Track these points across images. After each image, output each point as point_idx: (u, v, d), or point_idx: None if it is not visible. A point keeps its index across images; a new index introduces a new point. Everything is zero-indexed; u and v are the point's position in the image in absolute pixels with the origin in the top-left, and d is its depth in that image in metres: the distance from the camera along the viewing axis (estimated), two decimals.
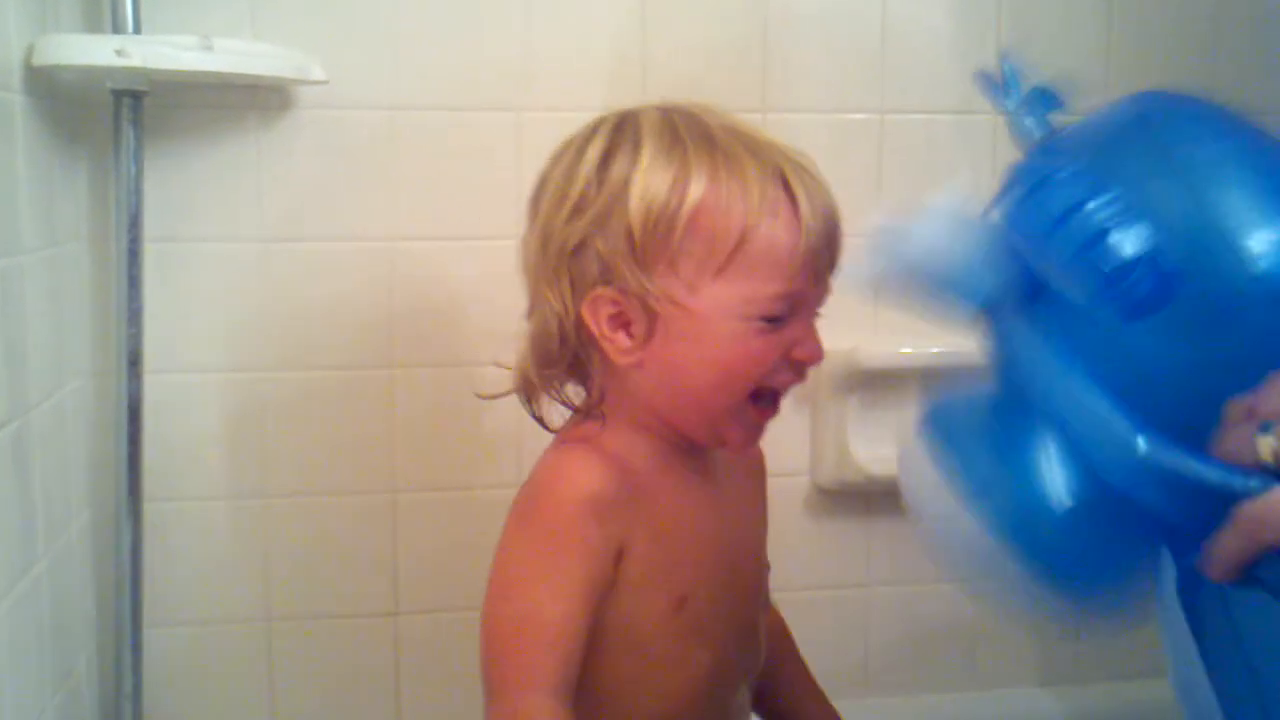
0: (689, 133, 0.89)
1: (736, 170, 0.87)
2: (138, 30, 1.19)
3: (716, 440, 0.94)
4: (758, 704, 1.06)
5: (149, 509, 1.27)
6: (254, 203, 1.31)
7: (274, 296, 1.32)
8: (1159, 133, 0.73)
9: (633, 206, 0.86)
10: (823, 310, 0.93)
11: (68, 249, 1.24)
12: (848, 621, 1.50)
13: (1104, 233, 0.67)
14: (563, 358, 0.93)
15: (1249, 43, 1.49)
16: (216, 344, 1.32)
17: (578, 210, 0.89)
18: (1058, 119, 0.83)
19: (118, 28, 1.18)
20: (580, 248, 0.89)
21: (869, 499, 1.46)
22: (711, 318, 0.87)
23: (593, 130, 0.92)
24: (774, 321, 0.88)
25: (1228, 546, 0.61)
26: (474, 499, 1.38)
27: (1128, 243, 0.67)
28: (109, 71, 1.16)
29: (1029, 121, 0.81)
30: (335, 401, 1.35)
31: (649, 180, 0.86)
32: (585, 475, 0.90)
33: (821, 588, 1.48)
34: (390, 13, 1.31)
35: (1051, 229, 0.69)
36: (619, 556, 0.90)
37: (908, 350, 1.40)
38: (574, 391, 0.98)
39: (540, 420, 0.98)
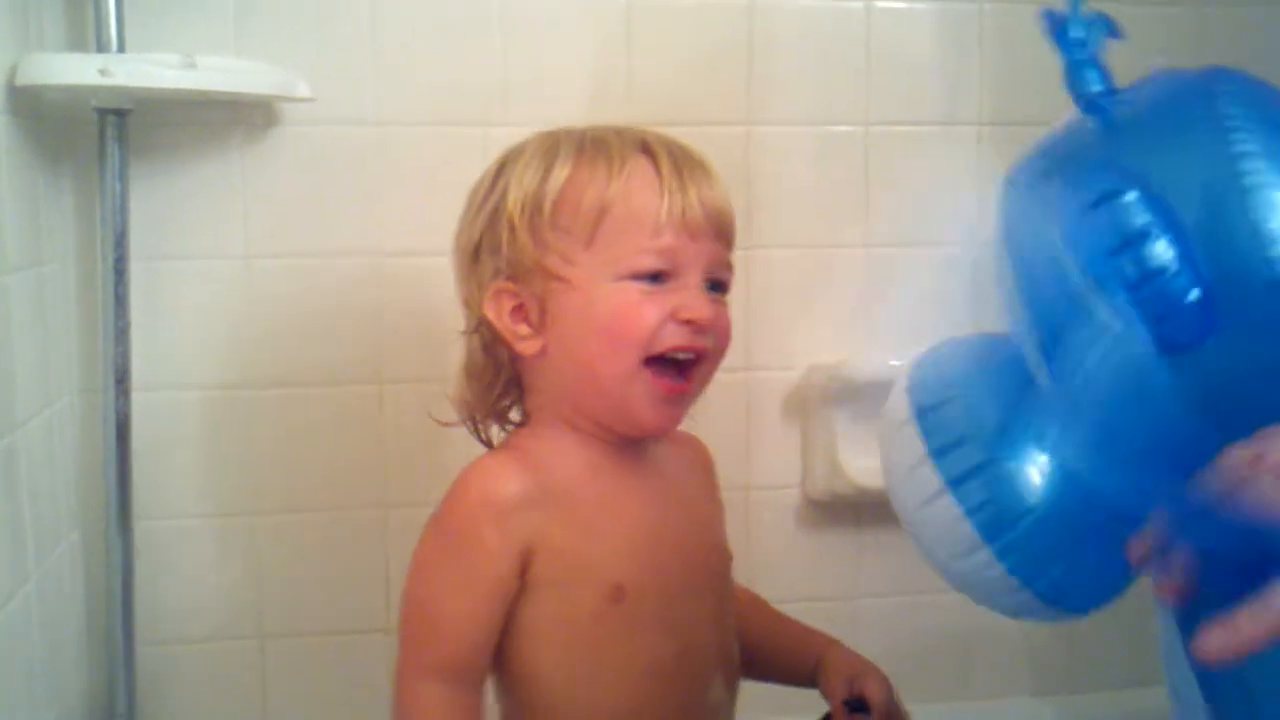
0: (564, 133, 0.97)
1: (599, 148, 0.94)
2: (121, 49, 1.19)
3: (628, 421, 0.95)
4: (748, 669, 1.07)
5: (139, 526, 1.26)
6: (239, 219, 1.31)
7: (261, 313, 1.32)
8: (1226, 132, 0.70)
9: (510, 198, 0.94)
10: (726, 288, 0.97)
11: (54, 267, 1.23)
12: (840, 633, 1.50)
13: (1162, 272, 0.65)
14: (487, 368, 0.99)
15: (1232, 57, 1.49)
16: (204, 360, 1.32)
17: (474, 217, 0.97)
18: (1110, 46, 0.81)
19: (101, 46, 1.19)
20: (478, 249, 0.96)
21: (860, 511, 1.46)
22: (589, 284, 0.91)
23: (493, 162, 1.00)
24: (652, 280, 0.91)
25: (1245, 631, 0.58)
26: None
27: (1181, 284, 0.65)
28: (93, 90, 1.16)
29: (1091, 74, 0.79)
30: (324, 417, 1.34)
31: (524, 173, 0.94)
32: (490, 481, 0.94)
33: (813, 600, 1.47)
34: (374, 29, 1.32)
35: (1111, 255, 0.68)
36: (527, 557, 0.93)
37: (897, 362, 1.40)
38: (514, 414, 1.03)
39: (488, 444, 1.02)
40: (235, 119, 1.30)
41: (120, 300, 1.22)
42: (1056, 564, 0.69)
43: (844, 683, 1.03)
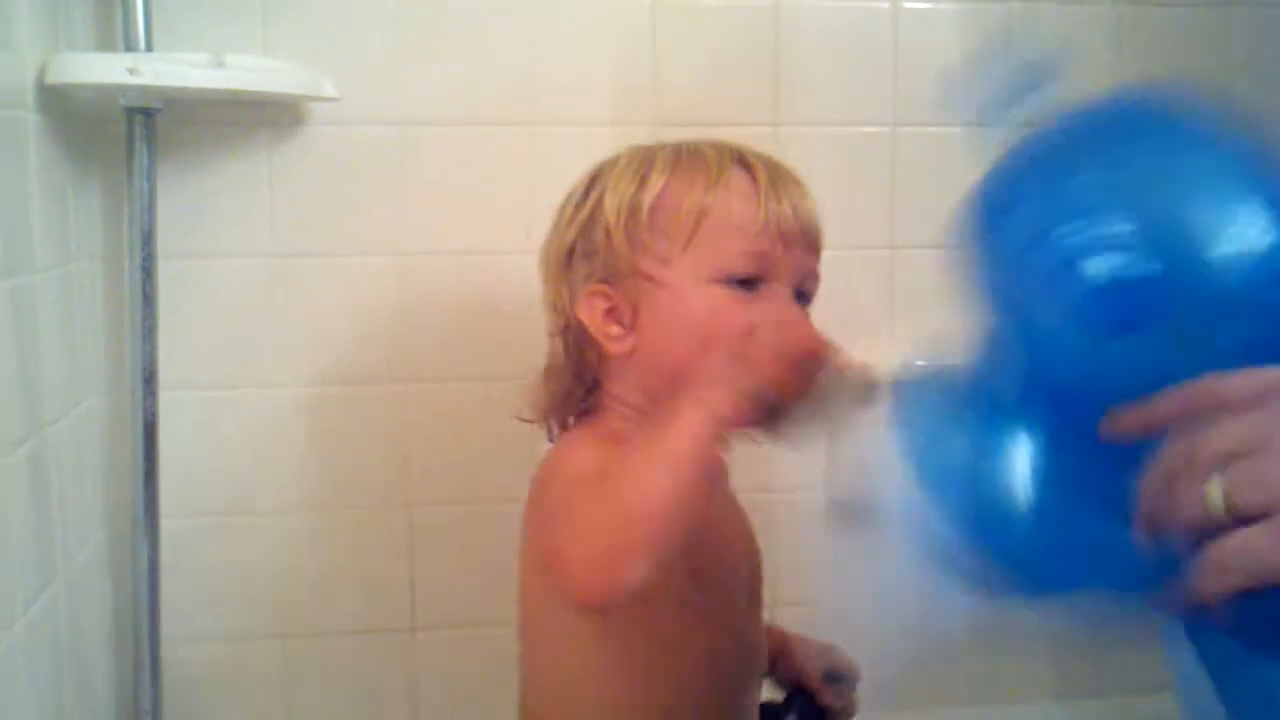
0: (660, 145, 0.98)
1: (695, 158, 0.95)
2: (150, 48, 1.19)
3: None
4: None
5: (165, 525, 1.27)
6: (266, 218, 1.31)
7: (287, 312, 1.32)
8: (1140, 137, 0.73)
9: (607, 205, 0.95)
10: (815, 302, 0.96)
11: (81, 266, 1.24)
12: (861, 636, 1.50)
13: (1081, 253, 0.67)
14: (568, 370, 0.99)
15: (1259, 55, 1.48)
16: (231, 359, 1.32)
17: (568, 224, 0.98)
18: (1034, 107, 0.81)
19: (130, 46, 1.19)
20: (571, 254, 0.97)
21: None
22: (684, 286, 0.92)
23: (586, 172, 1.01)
24: (743, 285, 0.92)
25: (1197, 588, 0.59)
26: (490, 513, 1.37)
27: (1105, 263, 0.66)
28: (121, 89, 1.17)
29: (1004, 115, 0.80)
30: (349, 416, 1.35)
31: (620, 181, 0.95)
32: (588, 448, 0.94)
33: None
34: (400, 28, 1.32)
35: (1026, 250, 0.70)
36: None
37: (924, 363, 1.40)
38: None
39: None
40: (262, 118, 1.30)
41: (148, 299, 1.23)
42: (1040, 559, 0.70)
43: (818, 658, 1.08)
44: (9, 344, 1.00)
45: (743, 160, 0.95)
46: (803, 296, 0.96)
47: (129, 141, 1.22)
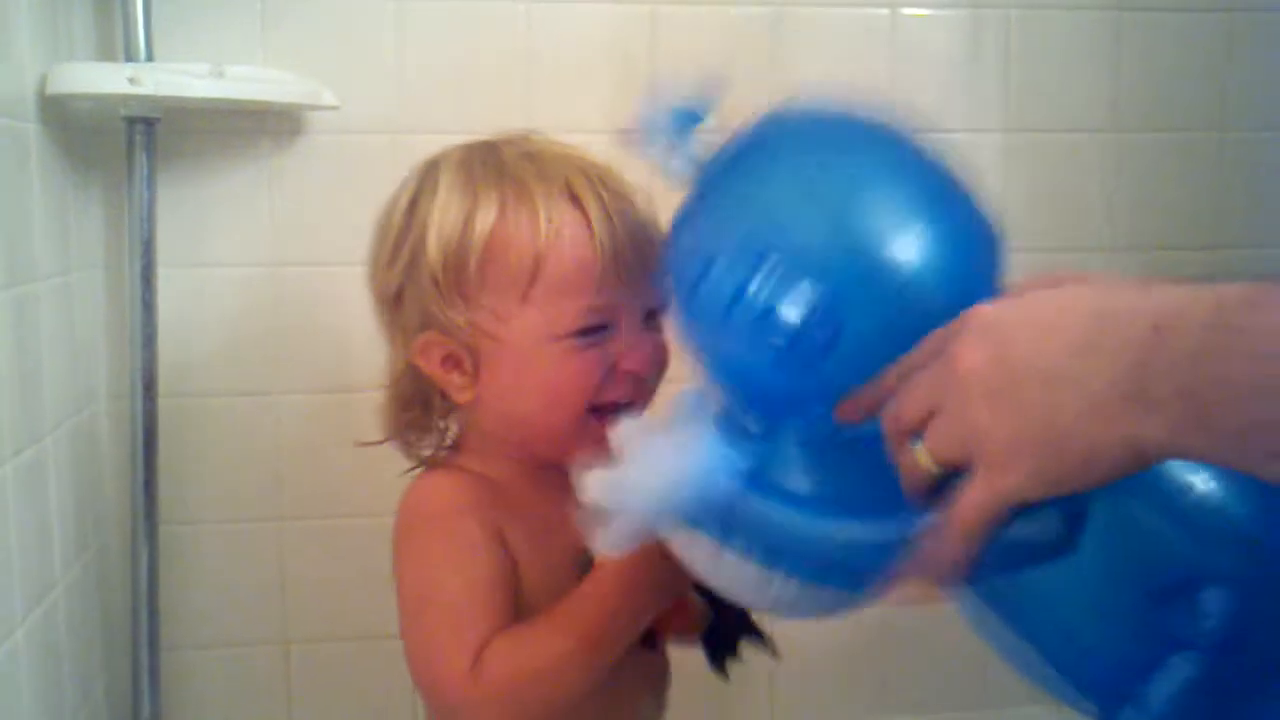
0: (482, 166, 0.91)
1: (523, 197, 0.88)
2: (150, 58, 1.20)
3: (569, 460, 0.91)
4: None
5: (165, 532, 1.27)
6: (266, 227, 1.32)
7: (287, 320, 1.33)
8: (793, 165, 0.75)
9: (431, 249, 0.89)
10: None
11: (82, 275, 1.24)
12: (867, 642, 1.50)
13: (769, 309, 0.69)
14: (415, 400, 0.96)
15: (1259, 67, 1.49)
16: (231, 367, 1.33)
17: (391, 262, 0.92)
18: (702, 136, 0.83)
19: (130, 56, 1.20)
20: (399, 298, 0.92)
21: None
22: (525, 344, 0.88)
23: (404, 183, 0.95)
24: (590, 335, 0.88)
25: (950, 551, 0.64)
26: None
27: (792, 308, 0.69)
28: (122, 99, 1.17)
29: (675, 163, 0.81)
30: (349, 423, 1.35)
31: (444, 220, 0.89)
32: (447, 485, 0.93)
33: None
34: (399, 37, 1.32)
35: (724, 318, 0.71)
36: (506, 546, 0.90)
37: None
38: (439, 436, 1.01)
39: (419, 462, 1.00)
40: (262, 128, 1.31)
41: (148, 307, 1.23)
42: (834, 558, 0.72)
43: None
44: (10, 352, 1.01)
45: (570, 191, 0.89)
46: (653, 315, 0.92)
47: (129, 151, 1.22)
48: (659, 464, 0.75)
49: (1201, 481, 0.65)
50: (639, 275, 0.89)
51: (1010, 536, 0.63)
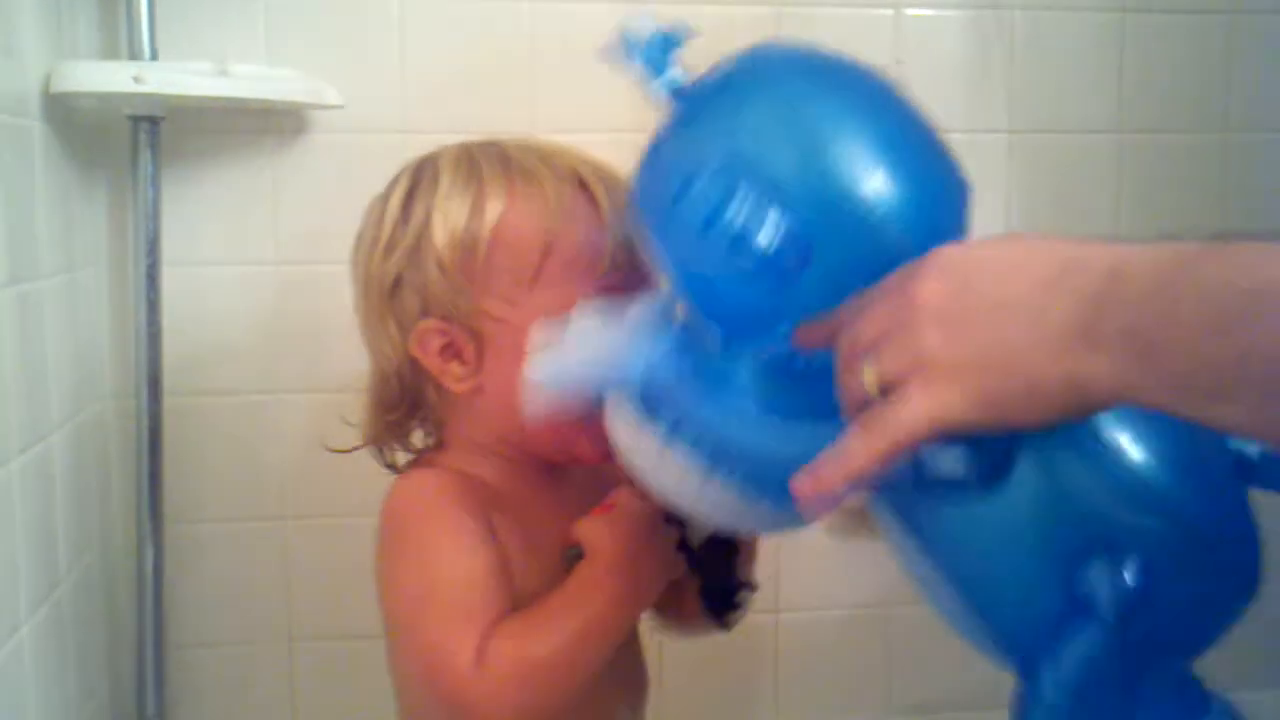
0: (484, 157, 0.92)
1: (532, 182, 0.90)
2: (154, 57, 1.20)
3: (568, 455, 0.94)
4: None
5: (169, 530, 1.28)
6: (270, 225, 1.32)
7: (291, 318, 1.33)
8: (776, 95, 0.78)
9: (437, 235, 0.89)
10: None
11: (87, 273, 1.25)
12: (874, 642, 1.50)
13: (742, 231, 0.71)
14: (402, 400, 0.96)
15: (1261, 67, 1.49)
16: (235, 365, 1.33)
17: (389, 250, 0.91)
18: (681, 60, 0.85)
19: (134, 54, 1.20)
20: (397, 286, 0.91)
21: None
22: (532, 329, 0.88)
23: (395, 178, 0.95)
24: None
25: (867, 455, 0.65)
26: None
27: (763, 232, 0.71)
28: (126, 98, 1.17)
29: (656, 84, 0.83)
30: (353, 421, 1.35)
31: (449, 207, 0.89)
32: (434, 481, 0.92)
33: (847, 607, 1.47)
34: (403, 36, 1.32)
35: (698, 236, 0.73)
36: (497, 541, 0.90)
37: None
38: (418, 437, 1.01)
39: (394, 468, 1.00)
40: (266, 126, 1.31)
41: (152, 305, 1.23)
42: (770, 468, 0.75)
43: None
44: (15, 350, 1.01)
45: (578, 178, 0.91)
46: None
47: (133, 149, 1.23)
48: (612, 340, 0.80)
49: (1134, 445, 0.66)
50: (644, 262, 0.90)
51: (933, 460, 0.65)
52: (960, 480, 0.66)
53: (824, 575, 1.46)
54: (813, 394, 0.73)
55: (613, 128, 1.32)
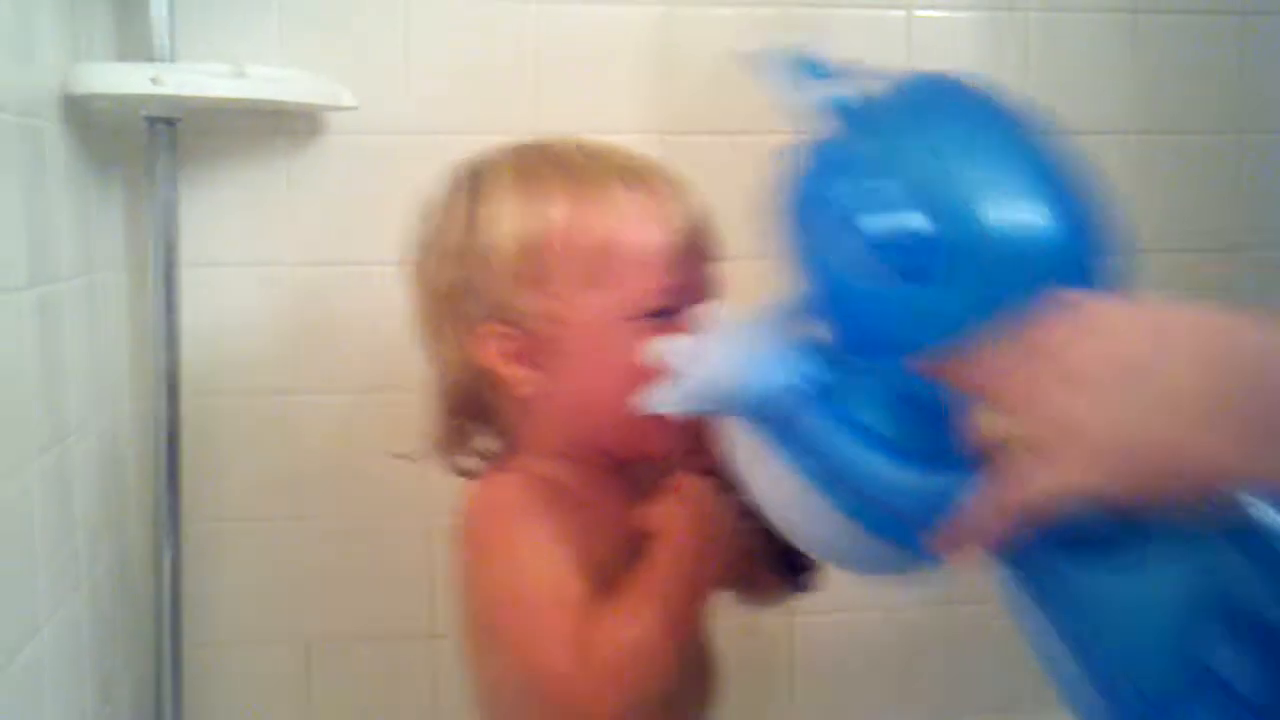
0: (543, 162, 0.93)
1: (592, 183, 0.90)
2: (171, 58, 1.20)
3: (639, 450, 0.94)
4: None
5: (188, 531, 1.28)
6: (287, 226, 1.32)
7: (307, 319, 1.33)
8: (922, 113, 0.79)
9: (499, 238, 0.89)
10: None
11: (104, 275, 1.25)
12: (893, 644, 1.50)
13: (891, 247, 0.72)
14: (467, 406, 0.96)
15: (1275, 68, 1.49)
16: (252, 366, 1.33)
17: (450, 256, 0.92)
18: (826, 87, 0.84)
19: (151, 56, 1.20)
20: (459, 291, 0.92)
21: None
22: (598, 326, 0.89)
23: (452, 183, 0.95)
24: (661, 316, 0.89)
25: (970, 522, 0.65)
26: None
27: (913, 252, 0.71)
28: (143, 99, 1.18)
29: (811, 97, 0.83)
30: (368, 423, 1.35)
31: (510, 210, 0.90)
32: (518, 483, 0.92)
33: (863, 609, 1.47)
34: (417, 38, 1.33)
35: (847, 238, 0.74)
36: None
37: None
38: (483, 444, 1.00)
39: (463, 474, 1.00)
40: (281, 127, 1.31)
41: (170, 307, 1.24)
42: (888, 503, 0.74)
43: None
44: (35, 352, 1.02)
45: (636, 178, 0.92)
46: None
47: (150, 151, 1.23)
48: (736, 347, 0.78)
49: None
50: (700, 261, 0.92)
51: (1066, 529, 0.64)
52: (1095, 550, 0.65)
53: (841, 579, 1.45)
54: (936, 428, 0.72)
55: (620, 129, 1.33)
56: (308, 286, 1.33)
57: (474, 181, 0.94)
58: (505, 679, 0.94)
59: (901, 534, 0.74)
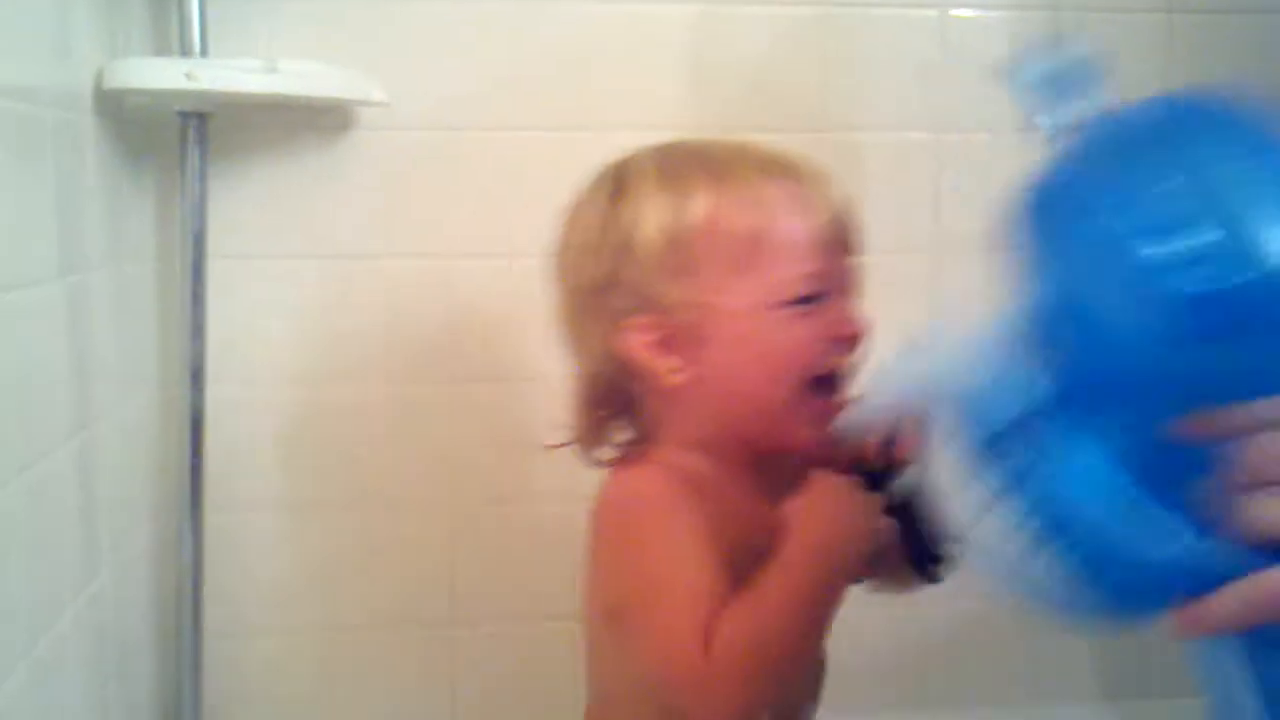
0: (685, 156, 0.93)
1: (736, 173, 0.91)
2: (205, 54, 1.22)
3: (785, 441, 0.93)
4: None
5: (211, 519, 1.29)
6: (315, 221, 1.33)
7: (335, 312, 1.35)
8: (1190, 146, 0.70)
9: (647, 231, 0.90)
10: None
11: (134, 265, 1.26)
12: (904, 635, 1.49)
13: (1175, 268, 0.63)
14: (610, 398, 0.96)
15: None
16: (277, 357, 1.35)
17: (595, 251, 0.92)
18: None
19: (185, 51, 1.21)
20: (605, 285, 0.92)
21: None
22: (746, 314, 0.89)
23: (594, 181, 0.95)
24: (808, 303, 0.89)
25: (1225, 607, 0.59)
26: (530, 511, 1.39)
27: (1199, 277, 0.63)
28: (177, 94, 1.19)
29: (1067, 103, 0.78)
30: (392, 414, 1.36)
31: (657, 203, 0.90)
32: (657, 476, 0.92)
33: (874, 602, 1.46)
34: (449, 34, 1.34)
35: (1117, 260, 0.65)
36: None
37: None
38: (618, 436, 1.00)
39: (599, 465, 0.99)
40: (312, 123, 1.32)
41: (197, 298, 1.25)
42: (1118, 561, 0.67)
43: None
44: (63, 339, 1.03)
45: (780, 169, 0.92)
46: (850, 295, 0.94)
47: (182, 144, 1.24)
48: (957, 364, 0.72)
49: None
50: (843, 249, 0.93)
51: None
52: None
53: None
54: (1177, 490, 0.65)
55: (657, 124, 1.33)
56: (334, 280, 1.34)
57: (617, 177, 0.94)
58: (625, 669, 0.93)
59: (1119, 595, 0.68)
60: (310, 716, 1.39)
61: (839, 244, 0.92)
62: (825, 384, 0.92)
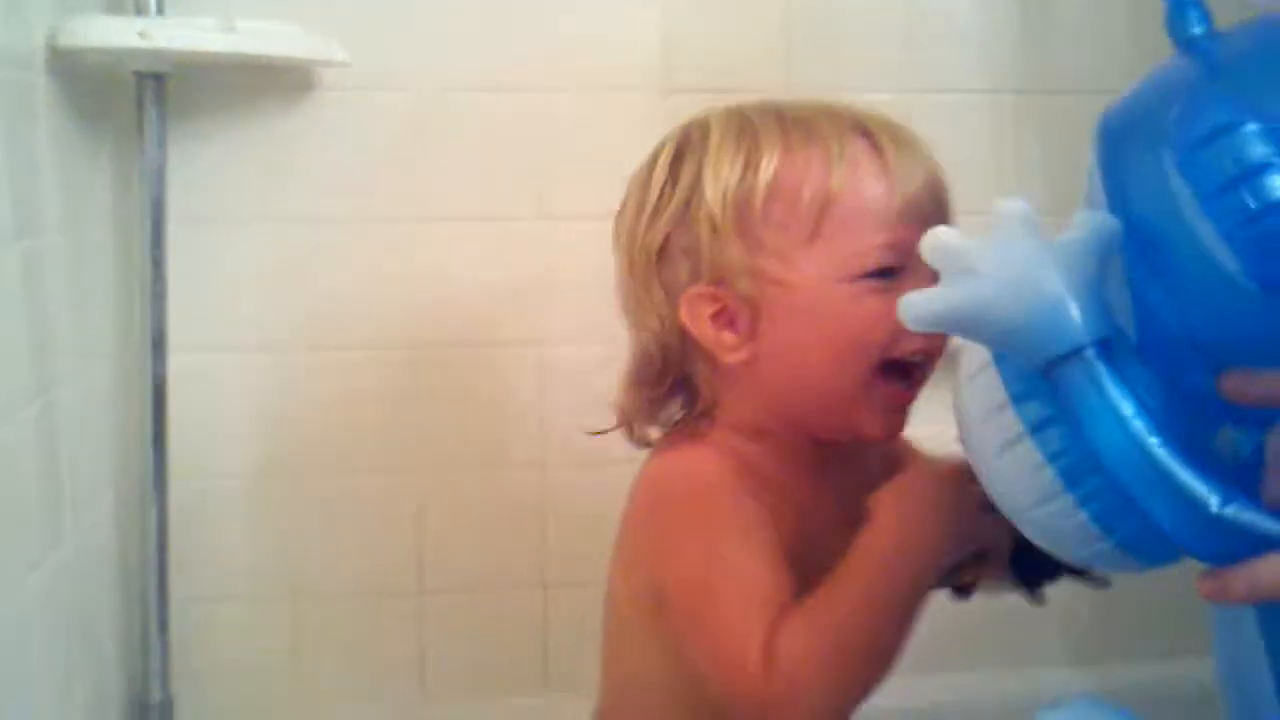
0: (756, 113, 0.87)
1: (811, 133, 0.84)
2: (160, 12, 1.19)
3: (851, 430, 0.86)
4: None
5: (176, 487, 1.28)
6: (277, 184, 1.32)
7: (295, 276, 1.33)
8: None
9: (709, 194, 0.84)
10: None
11: (91, 230, 1.24)
12: None
13: (1265, 210, 0.60)
14: (665, 375, 0.90)
15: None
16: (241, 323, 1.33)
17: (656, 214, 0.86)
18: None
19: (140, 10, 1.19)
20: (664, 251, 0.86)
21: None
22: (815, 287, 0.82)
23: (661, 143, 0.90)
24: (885, 276, 0.82)
25: (1249, 580, 0.59)
26: (500, 479, 1.38)
27: None
28: (132, 54, 1.17)
29: (1192, 14, 0.72)
30: (358, 381, 1.35)
31: (720, 162, 0.84)
32: (711, 459, 0.86)
33: None
34: None
35: (1226, 188, 0.62)
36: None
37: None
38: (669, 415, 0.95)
39: (646, 445, 0.94)
40: (273, 83, 1.30)
41: (157, 263, 1.23)
42: (1139, 512, 0.64)
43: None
44: (19, 305, 1.01)
45: (861, 128, 0.84)
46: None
47: (139, 106, 1.22)
48: (1026, 270, 0.65)
49: None
50: (932, 220, 0.81)
51: None
52: None
53: None
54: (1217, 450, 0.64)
55: (625, 85, 1.32)
56: (297, 245, 1.32)
57: (683, 137, 0.88)
58: (656, 656, 0.88)
59: (1152, 549, 0.66)
60: (278, 684, 1.38)
61: (925, 214, 0.83)
62: (899, 369, 0.84)
